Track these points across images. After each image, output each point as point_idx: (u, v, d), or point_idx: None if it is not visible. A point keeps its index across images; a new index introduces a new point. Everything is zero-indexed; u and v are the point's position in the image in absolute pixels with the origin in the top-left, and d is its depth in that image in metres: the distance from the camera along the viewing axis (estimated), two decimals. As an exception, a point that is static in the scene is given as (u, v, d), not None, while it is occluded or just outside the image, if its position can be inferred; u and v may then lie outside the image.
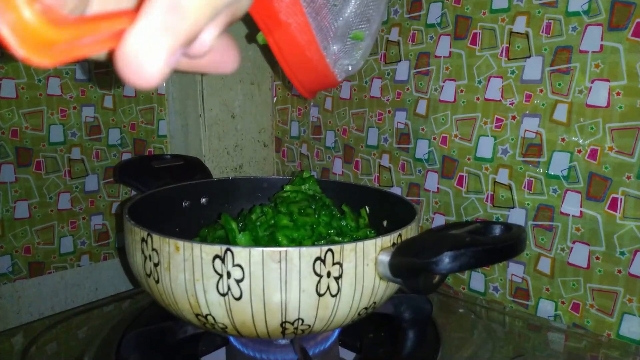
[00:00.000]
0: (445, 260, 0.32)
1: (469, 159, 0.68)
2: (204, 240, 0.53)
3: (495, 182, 0.66)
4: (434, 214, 0.73)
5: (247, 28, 0.89)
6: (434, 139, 0.71)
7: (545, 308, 0.63)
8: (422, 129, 0.73)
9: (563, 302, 0.62)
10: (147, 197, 0.52)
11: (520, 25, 0.62)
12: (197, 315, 0.38)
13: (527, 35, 0.62)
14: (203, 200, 0.60)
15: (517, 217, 0.65)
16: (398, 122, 0.75)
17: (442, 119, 0.70)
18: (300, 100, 0.90)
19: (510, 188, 0.65)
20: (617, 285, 0.58)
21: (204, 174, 0.64)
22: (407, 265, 0.36)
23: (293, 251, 0.36)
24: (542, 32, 0.61)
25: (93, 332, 0.56)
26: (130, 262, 0.43)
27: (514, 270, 0.66)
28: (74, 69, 0.80)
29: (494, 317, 0.62)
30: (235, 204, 0.60)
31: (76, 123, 0.82)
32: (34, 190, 0.79)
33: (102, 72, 0.83)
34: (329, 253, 0.36)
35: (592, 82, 0.57)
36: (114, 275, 0.90)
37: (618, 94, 0.56)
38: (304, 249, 0.36)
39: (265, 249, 0.36)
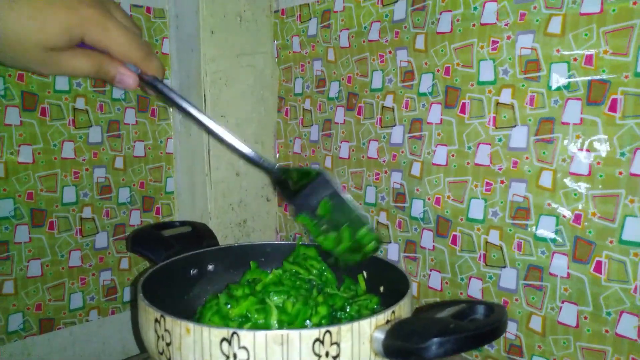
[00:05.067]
0: (432, 347, 0.36)
1: (461, 220, 0.72)
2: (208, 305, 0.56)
3: (487, 242, 0.69)
4: (430, 271, 0.76)
5: (252, 89, 0.94)
6: (428, 199, 0.75)
7: (539, 365, 0.66)
8: (417, 190, 0.76)
9: (555, 360, 0.64)
10: (158, 270, 0.55)
11: (506, 96, 0.67)
12: (206, 391, 0.41)
13: (512, 106, 0.66)
14: (210, 267, 0.63)
15: (508, 276, 0.68)
16: (394, 182, 0.79)
17: (435, 181, 0.74)
18: (301, 158, 0.94)
19: (501, 248, 0.68)
20: (606, 345, 0.60)
21: (211, 240, 0.68)
22: (399, 348, 0.39)
23: (294, 334, 0.39)
24: (527, 103, 0.65)
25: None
26: (143, 338, 0.46)
27: (508, 327, 0.68)
28: (87, 132, 0.85)
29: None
30: (240, 268, 0.63)
31: (88, 184, 0.86)
32: (47, 249, 0.83)
33: (115, 135, 0.88)
34: (327, 334, 0.40)
35: (574, 151, 0.61)
36: (121, 329, 0.93)
37: (598, 163, 0.60)
38: (304, 332, 0.39)
39: (268, 332, 0.39)
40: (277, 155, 0.99)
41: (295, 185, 0.58)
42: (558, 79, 0.62)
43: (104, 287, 0.90)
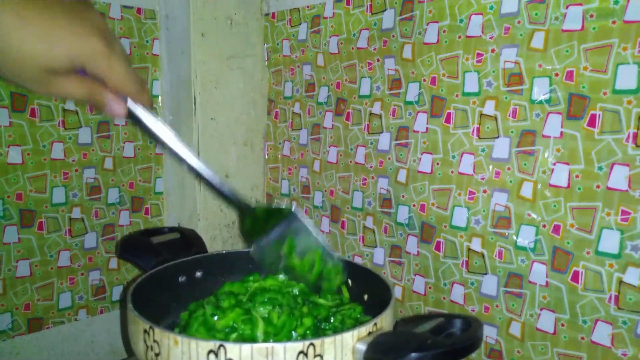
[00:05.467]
0: (410, 363, 0.38)
1: (445, 227, 0.74)
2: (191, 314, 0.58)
3: (469, 249, 0.71)
4: (415, 275, 0.78)
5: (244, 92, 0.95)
6: (414, 205, 0.77)
7: (517, 369, 0.68)
8: (403, 196, 0.78)
9: (533, 364, 0.67)
10: (146, 278, 0.57)
11: (489, 108, 0.68)
12: (193, 400, 0.43)
13: (495, 117, 0.68)
14: (198, 274, 0.65)
15: (490, 282, 0.70)
16: (381, 187, 0.81)
17: (421, 188, 0.76)
18: (290, 160, 0.95)
19: (483, 256, 0.70)
20: (581, 351, 0.62)
21: (199, 246, 0.69)
22: (379, 362, 0.41)
23: (279, 347, 0.41)
24: (509, 116, 0.67)
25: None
26: (132, 347, 0.48)
27: (488, 332, 0.70)
28: (77, 133, 0.86)
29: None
30: (228, 275, 0.65)
31: (77, 184, 0.87)
32: (36, 249, 0.83)
33: (104, 136, 0.89)
34: (311, 347, 0.41)
35: (554, 164, 0.63)
36: (109, 327, 0.94)
37: (577, 176, 0.62)
38: (288, 345, 0.41)
39: (254, 345, 0.41)
40: (267, 157, 1.00)
41: (263, 225, 0.60)
42: (540, 93, 0.64)
43: (92, 287, 0.91)
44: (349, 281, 0.62)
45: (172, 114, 0.93)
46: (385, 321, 0.48)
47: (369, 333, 0.45)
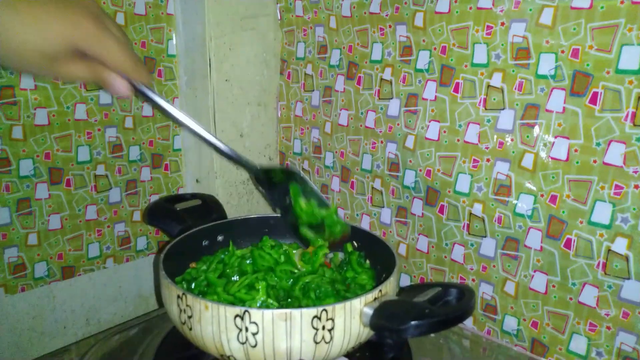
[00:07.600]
0: (410, 329, 0.43)
1: (449, 192, 0.78)
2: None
3: (470, 213, 0.76)
4: (419, 235, 0.83)
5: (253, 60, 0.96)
6: (420, 170, 0.81)
7: (510, 323, 0.75)
8: (410, 161, 0.82)
9: (524, 320, 0.73)
10: (174, 245, 0.63)
11: (496, 80, 0.71)
12: (221, 355, 0.50)
13: (502, 89, 0.70)
14: (219, 238, 0.70)
15: (488, 244, 0.75)
16: (389, 152, 0.85)
17: (427, 154, 0.80)
18: (302, 121, 0.99)
19: (483, 220, 0.75)
20: (568, 310, 0.69)
21: (219, 212, 0.74)
22: (383, 327, 0.46)
23: (296, 312, 0.47)
24: (515, 89, 0.69)
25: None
26: (167, 309, 0.54)
27: (485, 289, 0.77)
28: (98, 94, 0.89)
29: (461, 343, 0.74)
30: (246, 238, 0.70)
31: (100, 143, 0.91)
32: (65, 204, 0.89)
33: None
34: (324, 312, 0.47)
35: (555, 137, 0.67)
36: (135, 274, 1.01)
37: (576, 150, 0.65)
38: (304, 310, 0.47)
39: (275, 311, 0.47)
40: (279, 116, 1.03)
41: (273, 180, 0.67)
42: (545, 68, 0.66)
43: (118, 238, 0.97)
44: (354, 242, 0.68)
45: (187, 75, 0.96)
46: (389, 287, 0.53)
47: (375, 299, 0.50)
